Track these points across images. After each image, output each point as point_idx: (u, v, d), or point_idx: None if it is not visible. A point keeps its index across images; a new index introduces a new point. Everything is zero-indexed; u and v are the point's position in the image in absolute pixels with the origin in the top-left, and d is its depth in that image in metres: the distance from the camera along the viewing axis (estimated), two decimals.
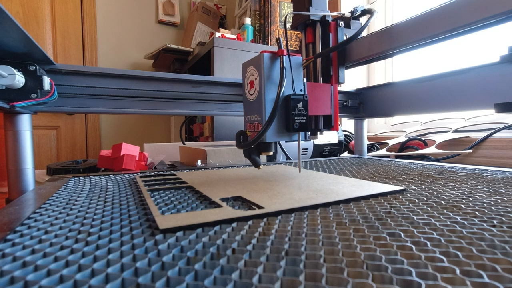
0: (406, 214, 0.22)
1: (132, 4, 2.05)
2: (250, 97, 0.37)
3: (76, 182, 0.40)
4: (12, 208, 0.26)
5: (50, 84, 0.43)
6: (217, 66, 1.32)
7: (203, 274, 0.14)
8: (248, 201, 0.27)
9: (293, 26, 0.61)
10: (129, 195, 0.31)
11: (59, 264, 0.15)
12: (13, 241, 0.18)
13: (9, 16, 0.29)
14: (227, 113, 0.62)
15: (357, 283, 0.13)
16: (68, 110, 0.49)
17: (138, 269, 0.14)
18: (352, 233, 0.18)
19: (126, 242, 0.18)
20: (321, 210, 0.24)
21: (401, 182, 0.36)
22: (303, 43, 0.61)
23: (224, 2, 2.26)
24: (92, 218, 0.23)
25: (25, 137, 0.43)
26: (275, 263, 0.15)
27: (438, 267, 0.14)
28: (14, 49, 0.37)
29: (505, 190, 0.30)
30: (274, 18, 1.61)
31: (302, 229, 0.19)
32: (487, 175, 0.40)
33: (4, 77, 0.37)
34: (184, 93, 0.57)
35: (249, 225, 0.21)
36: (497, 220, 0.20)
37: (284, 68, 0.34)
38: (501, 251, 0.15)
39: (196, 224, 0.20)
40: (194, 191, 0.33)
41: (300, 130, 0.35)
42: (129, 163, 0.61)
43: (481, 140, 0.66)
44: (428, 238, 0.17)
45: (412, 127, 1.00)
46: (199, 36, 1.98)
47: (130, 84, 0.52)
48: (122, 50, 2.02)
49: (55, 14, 1.80)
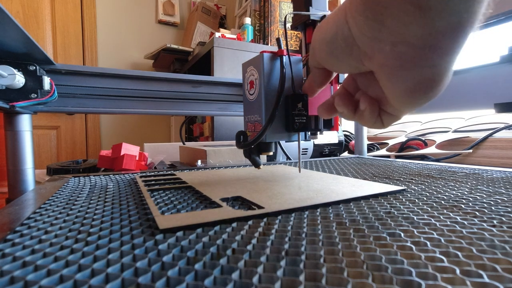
0: (406, 214, 0.22)
1: (132, 4, 2.05)
2: (250, 97, 0.37)
3: (76, 182, 0.40)
4: (12, 208, 0.26)
5: (50, 84, 0.43)
6: (217, 66, 1.32)
7: (203, 274, 0.14)
8: (248, 201, 0.27)
9: (293, 26, 0.61)
10: (129, 195, 0.31)
11: (59, 264, 0.15)
12: (13, 241, 0.18)
13: (9, 16, 0.29)
14: (227, 113, 0.62)
15: (357, 283, 0.13)
16: (68, 110, 0.49)
17: (138, 269, 0.14)
18: (352, 233, 0.18)
19: (126, 242, 0.18)
20: (321, 210, 0.24)
21: (401, 182, 0.36)
22: (303, 43, 0.61)
23: (224, 2, 2.26)
24: (92, 218, 0.23)
25: (25, 137, 0.43)
26: (275, 263, 0.15)
27: (438, 267, 0.14)
28: (14, 49, 0.37)
29: (505, 190, 0.30)
30: (274, 18, 1.61)
31: (302, 229, 0.19)
32: (487, 175, 0.40)
33: (4, 77, 0.37)
34: (184, 93, 0.57)
35: (249, 225, 0.21)
36: (497, 220, 0.20)
37: (284, 68, 0.34)
38: (501, 251, 0.15)
39: (196, 224, 0.20)
40: (194, 191, 0.33)
41: (300, 130, 0.35)
42: (129, 163, 0.61)
43: (481, 140, 0.66)
44: (428, 238, 0.17)
45: (412, 127, 1.00)
46: (199, 36, 1.98)
47: (130, 84, 0.52)
48: (122, 50, 2.02)
49: (55, 14, 1.80)
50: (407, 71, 0.19)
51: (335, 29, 0.21)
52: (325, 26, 0.23)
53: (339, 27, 0.21)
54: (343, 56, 0.22)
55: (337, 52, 0.22)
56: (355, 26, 0.19)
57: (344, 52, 0.21)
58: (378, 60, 0.20)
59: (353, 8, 0.19)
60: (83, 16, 1.88)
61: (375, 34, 0.18)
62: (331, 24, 0.22)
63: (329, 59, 0.23)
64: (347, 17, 0.20)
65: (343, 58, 0.22)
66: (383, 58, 0.19)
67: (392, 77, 0.20)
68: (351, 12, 0.19)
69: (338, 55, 0.22)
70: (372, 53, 0.20)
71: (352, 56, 0.21)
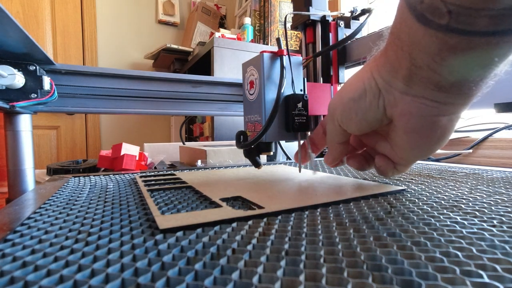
0: (406, 214, 0.22)
1: (132, 4, 2.05)
2: (250, 97, 0.37)
3: (76, 182, 0.40)
4: (12, 208, 0.26)
5: (50, 84, 0.43)
6: (217, 66, 1.32)
7: (203, 274, 0.14)
8: (248, 201, 0.27)
9: (293, 26, 0.61)
10: (129, 195, 0.31)
11: (59, 264, 0.15)
12: (13, 241, 0.18)
13: (9, 16, 0.29)
14: (227, 113, 0.62)
15: (357, 283, 0.13)
16: (68, 110, 0.49)
17: (138, 269, 0.14)
18: (352, 233, 0.18)
19: (126, 242, 0.18)
20: (321, 210, 0.24)
21: (401, 182, 0.36)
22: (303, 43, 0.61)
23: (224, 2, 2.26)
24: (92, 218, 0.23)
25: (25, 137, 0.43)
26: (275, 263, 0.15)
27: (438, 267, 0.14)
28: (14, 49, 0.37)
29: (505, 190, 0.30)
30: (274, 18, 1.61)
31: (302, 229, 0.19)
32: (487, 175, 0.40)
33: (4, 77, 0.37)
34: (184, 93, 0.57)
35: (249, 225, 0.21)
36: (497, 220, 0.20)
37: (284, 68, 0.34)
38: (501, 251, 0.15)
39: (196, 224, 0.20)
40: (194, 191, 0.33)
41: (300, 130, 0.35)
42: (129, 163, 0.61)
43: (481, 140, 0.66)
44: (428, 238, 0.17)
45: None
46: (199, 36, 1.98)
47: (130, 84, 0.52)
48: (122, 50, 2.02)
49: (55, 14, 1.80)
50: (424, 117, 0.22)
51: (362, 85, 0.25)
52: (348, 87, 0.26)
53: (366, 82, 0.24)
54: (369, 109, 0.24)
55: (363, 106, 0.25)
56: (382, 80, 0.23)
57: (371, 104, 0.24)
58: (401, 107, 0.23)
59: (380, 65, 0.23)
60: (83, 16, 1.88)
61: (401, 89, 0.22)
62: (355, 85, 0.25)
63: (353, 117, 0.26)
64: (373, 74, 0.24)
65: (368, 112, 0.25)
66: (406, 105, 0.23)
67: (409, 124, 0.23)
68: (377, 69, 0.24)
69: (363, 110, 0.25)
70: (395, 102, 0.23)
71: (378, 107, 0.24)
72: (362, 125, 0.26)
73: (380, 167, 0.28)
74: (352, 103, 0.25)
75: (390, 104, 0.23)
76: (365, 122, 0.25)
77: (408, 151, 0.25)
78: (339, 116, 0.27)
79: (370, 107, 0.24)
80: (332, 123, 0.28)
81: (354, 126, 0.26)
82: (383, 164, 0.28)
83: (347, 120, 0.26)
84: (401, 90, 0.22)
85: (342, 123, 0.27)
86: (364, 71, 0.25)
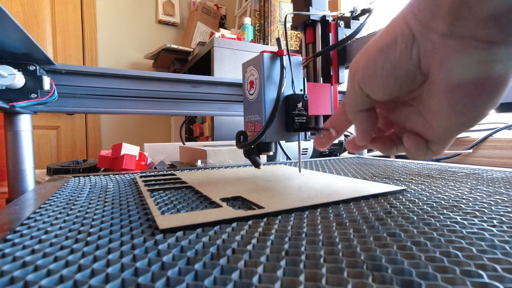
0: (406, 214, 0.22)
1: (132, 4, 2.05)
2: (250, 97, 0.37)
3: (76, 182, 0.40)
4: (12, 208, 0.26)
5: (50, 84, 0.43)
6: (217, 66, 1.32)
7: (203, 274, 0.14)
8: (248, 201, 0.27)
9: (293, 26, 0.61)
10: (129, 195, 0.31)
11: (59, 264, 0.15)
12: (13, 241, 0.18)
13: (9, 16, 0.29)
14: (227, 113, 0.62)
15: (357, 283, 0.13)
16: (68, 110, 0.49)
17: (138, 269, 0.14)
18: (352, 233, 0.18)
19: (126, 242, 0.18)
20: (321, 210, 0.24)
21: (401, 182, 0.36)
22: (303, 43, 0.61)
23: (224, 2, 2.26)
24: (92, 218, 0.23)
25: (25, 137, 0.43)
26: (275, 263, 0.15)
27: (438, 267, 0.14)
28: (14, 49, 0.37)
29: (505, 190, 0.30)
30: (274, 18, 1.61)
31: (302, 229, 0.19)
32: (487, 175, 0.40)
33: (4, 77, 0.37)
34: (184, 93, 0.57)
35: (249, 225, 0.21)
36: (497, 220, 0.20)
37: (284, 68, 0.34)
38: (501, 251, 0.15)
39: (196, 224, 0.20)
40: (194, 191, 0.33)
41: (300, 130, 0.35)
42: (129, 163, 0.61)
43: (481, 140, 0.66)
44: (428, 238, 0.17)
45: None
46: (199, 36, 1.98)
47: (130, 84, 0.52)
48: (122, 50, 2.02)
49: (55, 14, 1.80)
50: (472, 65, 0.17)
51: (393, 33, 0.20)
52: (377, 38, 0.22)
53: (397, 30, 0.20)
54: (400, 60, 0.20)
55: (393, 56, 0.20)
56: (418, 24, 0.18)
57: (402, 54, 0.20)
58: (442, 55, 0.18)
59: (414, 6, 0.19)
60: (83, 16, 1.88)
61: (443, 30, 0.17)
62: (385, 33, 0.21)
63: (378, 72, 0.21)
64: (406, 19, 0.19)
65: (399, 64, 0.20)
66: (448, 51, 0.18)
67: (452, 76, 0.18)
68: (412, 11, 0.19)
69: (392, 62, 0.20)
70: (433, 49, 0.18)
71: (410, 58, 0.19)
72: (388, 84, 0.21)
73: (410, 148, 0.23)
74: (378, 54, 0.20)
75: (427, 52, 0.19)
76: (393, 80, 0.20)
77: (449, 119, 0.19)
78: (361, 73, 0.22)
79: (400, 58, 0.20)
80: (352, 85, 0.23)
81: (379, 86, 0.21)
82: (413, 143, 0.23)
83: (371, 78, 0.21)
84: (443, 32, 0.17)
85: (364, 84, 0.22)
86: (397, 17, 0.20)
